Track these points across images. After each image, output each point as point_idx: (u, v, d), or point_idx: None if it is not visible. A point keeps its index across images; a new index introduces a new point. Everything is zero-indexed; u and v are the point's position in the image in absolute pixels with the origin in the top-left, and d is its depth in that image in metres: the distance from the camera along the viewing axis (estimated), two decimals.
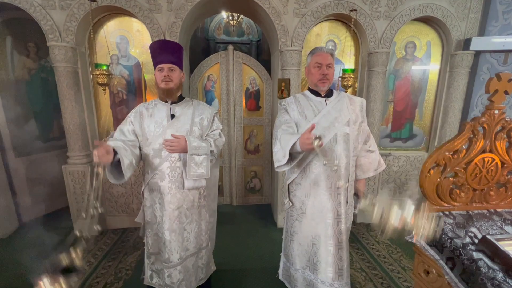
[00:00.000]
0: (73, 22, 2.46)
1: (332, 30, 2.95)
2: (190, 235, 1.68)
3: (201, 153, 1.55)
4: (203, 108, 1.71)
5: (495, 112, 1.14)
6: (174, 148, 1.50)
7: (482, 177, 1.20)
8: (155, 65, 1.55)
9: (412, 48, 3.09)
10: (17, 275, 2.21)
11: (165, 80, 1.51)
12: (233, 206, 3.65)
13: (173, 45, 1.57)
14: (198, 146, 1.54)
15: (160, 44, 1.55)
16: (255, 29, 7.03)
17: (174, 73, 1.54)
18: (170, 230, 1.59)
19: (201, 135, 1.66)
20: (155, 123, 1.58)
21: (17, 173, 3.03)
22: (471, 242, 1.01)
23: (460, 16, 2.80)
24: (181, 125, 1.59)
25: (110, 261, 2.41)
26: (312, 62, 1.55)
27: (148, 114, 1.60)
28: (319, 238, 1.57)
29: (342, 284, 1.57)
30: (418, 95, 3.22)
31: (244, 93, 3.40)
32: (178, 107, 1.63)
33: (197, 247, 1.75)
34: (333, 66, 1.55)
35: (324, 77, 1.52)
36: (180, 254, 1.63)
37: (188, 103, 1.68)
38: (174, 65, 1.54)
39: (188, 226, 1.66)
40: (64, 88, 2.54)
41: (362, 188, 1.74)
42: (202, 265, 1.83)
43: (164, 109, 1.61)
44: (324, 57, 1.51)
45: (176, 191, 1.59)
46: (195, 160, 1.53)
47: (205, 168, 1.57)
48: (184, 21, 2.62)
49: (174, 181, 1.57)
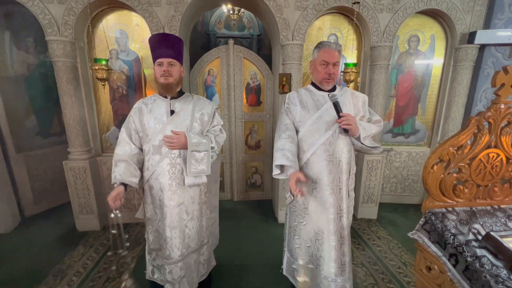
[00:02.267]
0: (72, 16, 2.43)
1: (334, 23, 2.90)
2: (192, 232, 1.67)
3: (202, 149, 1.53)
4: (203, 103, 1.68)
5: (501, 106, 1.12)
6: (174, 144, 1.47)
7: (487, 173, 1.19)
8: (154, 59, 1.52)
9: (416, 42, 3.04)
10: (19, 270, 2.23)
11: (164, 75, 1.49)
12: (234, 201, 3.65)
13: (173, 38, 1.53)
14: (198, 142, 1.52)
15: (160, 38, 1.51)
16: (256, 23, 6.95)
17: (173, 68, 1.51)
18: (171, 227, 1.59)
19: (202, 131, 1.64)
20: (154, 119, 1.55)
21: (18, 168, 3.03)
22: (474, 239, 0.99)
23: (465, 9, 2.74)
24: (181, 121, 1.56)
25: (112, 256, 2.42)
26: (318, 59, 1.50)
27: (147, 110, 1.58)
28: (322, 234, 1.57)
29: (344, 279, 1.57)
30: (421, 90, 3.18)
31: (245, 88, 3.37)
32: (178, 103, 1.60)
33: (199, 243, 1.75)
34: (339, 64, 1.52)
35: (330, 76, 1.49)
36: (181, 251, 1.63)
37: (188, 98, 1.65)
38: (174, 60, 1.50)
39: (189, 223, 1.65)
40: (63, 83, 2.52)
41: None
42: (203, 261, 1.83)
43: (164, 104, 1.58)
44: (331, 55, 1.46)
45: (177, 188, 1.57)
46: (195, 157, 1.51)
47: (205, 165, 1.56)
48: (183, 15, 2.58)
49: (175, 178, 1.56)
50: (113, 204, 1.44)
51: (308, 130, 1.53)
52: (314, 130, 1.52)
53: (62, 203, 3.40)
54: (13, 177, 2.98)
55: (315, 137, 1.51)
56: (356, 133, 1.45)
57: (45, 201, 3.32)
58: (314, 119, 1.52)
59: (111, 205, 1.44)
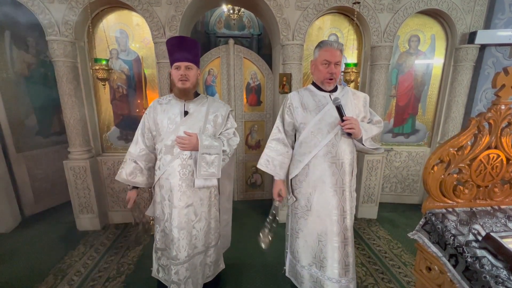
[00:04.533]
0: (72, 16, 2.42)
1: (335, 23, 2.90)
2: (199, 233, 1.66)
3: (213, 152, 1.53)
4: (217, 105, 1.68)
5: (502, 107, 1.12)
6: (186, 145, 1.47)
7: (487, 173, 1.19)
8: (172, 62, 1.53)
9: (416, 42, 3.04)
10: (20, 269, 2.23)
11: (182, 80, 1.50)
12: (234, 201, 3.65)
13: (190, 42, 1.54)
14: (209, 145, 1.51)
15: (177, 41, 1.52)
16: (256, 23, 6.95)
17: (191, 72, 1.52)
18: (179, 228, 1.58)
19: (215, 133, 1.64)
20: (168, 119, 1.56)
21: (18, 168, 3.03)
22: (474, 239, 1.00)
23: (466, 9, 2.74)
24: (194, 122, 1.57)
25: (112, 256, 2.42)
26: (320, 59, 1.48)
27: (161, 109, 1.59)
28: (325, 235, 1.56)
29: (348, 279, 1.57)
30: (421, 90, 3.18)
31: (245, 88, 3.37)
32: (192, 104, 1.61)
33: (206, 245, 1.74)
34: (341, 63, 1.50)
35: (332, 76, 1.48)
36: (188, 252, 1.62)
37: (203, 100, 1.65)
38: (191, 64, 1.52)
39: (197, 224, 1.64)
40: (63, 83, 2.52)
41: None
42: (210, 263, 1.82)
43: (178, 105, 1.59)
44: (333, 54, 1.44)
45: (186, 189, 1.57)
46: (206, 159, 1.51)
47: (216, 168, 1.54)
48: (184, 15, 2.58)
49: (185, 179, 1.56)
50: (129, 206, 1.69)
51: (311, 132, 1.52)
52: (316, 132, 1.51)
53: (62, 202, 3.40)
54: (13, 177, 2.98)
55: (317, 139, 1.51)
56: (358, 135, 1.44)
57: (46, 200, 3.33)
58: (316, 121, 1.51)
59: (128, 207, 1.70)
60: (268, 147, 1.68)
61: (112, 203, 2.99)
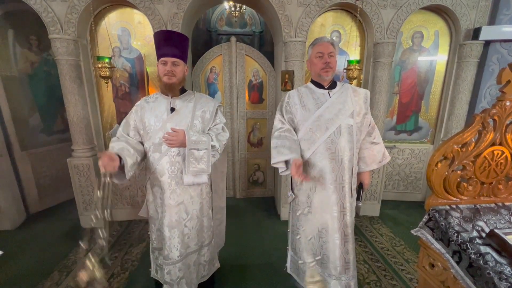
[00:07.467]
0: (74, 14, 2.43)
1: (337, 20, 2.88)
2: (191, 232, 1.64)
3: (201, 147, 1.50)
4: (205, 101, 1.66)
5: (507, 103, 1.11)
6: (173, 142, 1.45)
7: (491, 170, 1.18)
8: (159, 57, 1.50)
9: (419, 38, 3.01)
10: (25, 266, 2.26)
11: (167, 75, 1.47)
12: (237, 198, 3.67)
13: (178, 36, 1.51)
14: (197, 140, 1.49)
15: (165, 35, 1.49)
16: (258, 20, 6.91)
17: (177, 68, 1.49)
18: (170, 227, 1.57)
19: (203, 129, 1.61)
20: (155, 117, 1.54)
21: (23, 166, 3.06)
22: (478, 236, 0.99)
23: (470, 4, 2.71)
24: (181, 119, 1.55)
25: (116, 253, 2.45)
26: (313, 53, 1.54)
27: (149, 108, 1.57)
28: (326, 232, 1.57)
29: (349, 277, 1.57)
30: (424, 87, 3.16)
31: (247, 86, 3.36)
32: (179, 100, 1.58)
33: (199, 244, 1.72)
34: (335, 56, 1.52)
35: (327, 66, 1.49)
36: (180, 251, 1.60)
37: (190, 96, 1.63)
38: (178, 59, 1.49)
39: (188, 223, 1.63)
40: (66, 81, 2.53)
41: (366, 181, 1.72)
42: (204, 262, 1.80)
43: (164, 102, 1.57)
44: (325, 46, 1.49)
45: (176, 186, 1.55)
46: (194, 155, 1.49)
47: (205, 164, 1.52)
48: (186, 12, 2.57)
49: (174, 176, 1.54)
50: (103, 169, 1.34)
51: (309, 129, 1.53)
52: (315, 129, 1.51)
53: (66, 199, 3.43)
54: (18, 175, 3.01)
55: (316, 136, 1.51)
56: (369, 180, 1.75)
57: (50, 198, 3.36)
58: (314, 118, 1.51)
59: (102, 170, 1.34)
60: (274, 142, 1.60)
61: (115, 200, 3.01)
